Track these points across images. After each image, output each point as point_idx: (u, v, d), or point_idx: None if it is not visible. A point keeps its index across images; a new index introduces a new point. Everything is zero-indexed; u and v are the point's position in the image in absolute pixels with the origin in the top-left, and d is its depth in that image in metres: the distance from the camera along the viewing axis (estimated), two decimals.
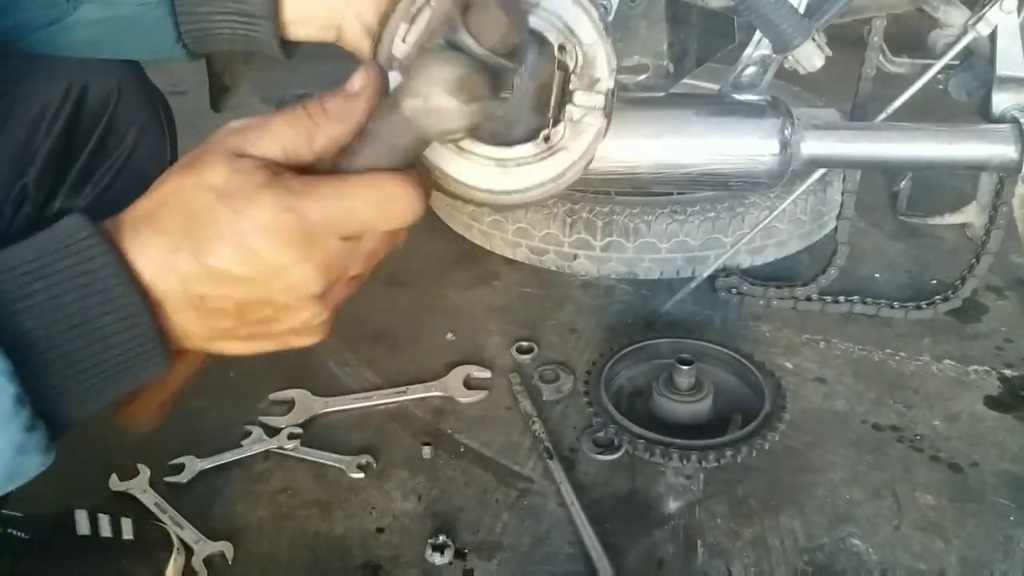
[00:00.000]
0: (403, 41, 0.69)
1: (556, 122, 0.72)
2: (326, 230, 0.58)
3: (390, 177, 0.59)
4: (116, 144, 0.97)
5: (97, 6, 0.77)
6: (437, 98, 0.58)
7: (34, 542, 1.10)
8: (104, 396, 0.57)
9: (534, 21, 0.71)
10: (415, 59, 0.61)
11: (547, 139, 0.72)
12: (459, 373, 1.64)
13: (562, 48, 0.72)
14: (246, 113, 0.64)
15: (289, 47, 0.81)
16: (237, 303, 0.59)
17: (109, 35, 0.80)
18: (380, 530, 1.33)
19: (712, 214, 1.87)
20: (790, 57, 1.27)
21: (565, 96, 0.72)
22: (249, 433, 1.49)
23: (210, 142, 0.59)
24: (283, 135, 0.59)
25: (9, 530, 1.08)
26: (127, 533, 1.19)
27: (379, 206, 0.59)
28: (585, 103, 0.72)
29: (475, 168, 0.72)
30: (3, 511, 1.09)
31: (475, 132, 0.65)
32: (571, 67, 0.72)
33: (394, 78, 0.66)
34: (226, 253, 0.56)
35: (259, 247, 0.56)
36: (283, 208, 0.56)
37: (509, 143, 0.72)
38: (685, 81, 1.60)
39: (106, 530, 1.17)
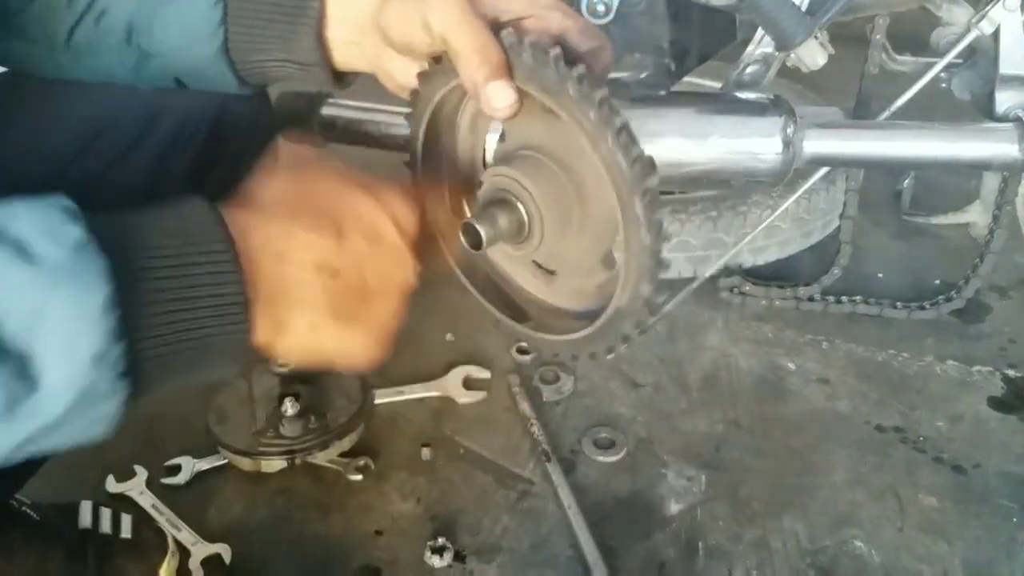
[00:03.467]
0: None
1: None
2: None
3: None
4: (244, 165, 1.00)
5: (163, 60, 0.82)
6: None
7: (42, 526, 1.10)
8: (181, 356, 0.58)
9: None
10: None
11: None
12: (458, 374, 1.63)
13: None
14: None
15: (347, 79, 0.84)
16: (360, 272, 0.67)
17: (188, 80, 0.84)
18: (379, 532, 1.32)
19: (714, 213, 1.86)
20: (792, 55, 1.26)
21: None
22: None
23: (315, 157, 0.71)
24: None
25: (24, 508, 1.09)
26: (125, 531, 1.18)
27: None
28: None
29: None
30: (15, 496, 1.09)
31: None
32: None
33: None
34: (365, 229, 0.67)
35: (389, 228, 0.68)
36: (406, 196, 0.70)
37: None
38: (687, 79, 1.59)
39: (106, 526, 1.17)
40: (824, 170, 1.63)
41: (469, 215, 0.77)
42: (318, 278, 0.64)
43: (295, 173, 0.68)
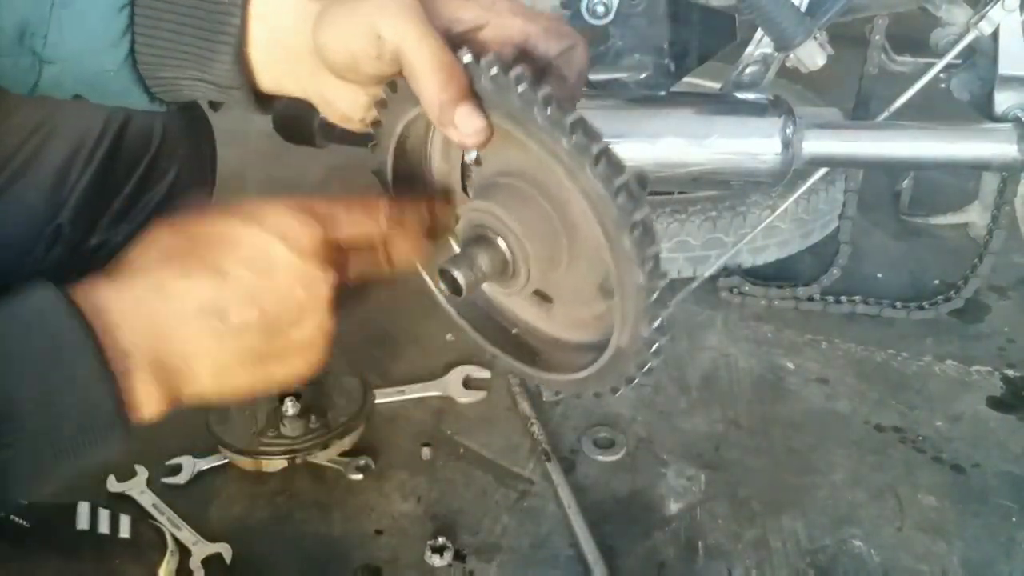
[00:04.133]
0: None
1: None
2: (330, 240, 0.63)
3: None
4: (158, 179, 0.95)
5: (61, 67, 0.73)
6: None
7: (34, 531, 1.10)
8: (56, 469, 0.57)
9: None
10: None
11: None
12: (458, 373, 1.64)
13: None
14: None
15: (271, 102, 0.76)
16: (256, 304, 0.60)
17: (89, 93, 0.76)
18: (379, 532, 1.33)
19: (713, 213, 1.86)
20: (792, 55, 1.27)
21: None
22: None
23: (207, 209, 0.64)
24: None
25: (11, 516, 1.08)
26: (124, 532, 1.18)
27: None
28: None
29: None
30: None
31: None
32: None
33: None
34: (246, 257, 0.60)
35: (278, 249, 0.60)
36: (297, 209, 0.62)
37: None
38: (686, 80, 1.59)
39: (104, 526, 1.17)
40: (823, 170, 1.63)
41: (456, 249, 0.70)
42: (204, 324, 0.59)
43: (170, 230, 0.62)
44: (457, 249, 0.71)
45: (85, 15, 0.69)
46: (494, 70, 0.57)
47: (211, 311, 0.59)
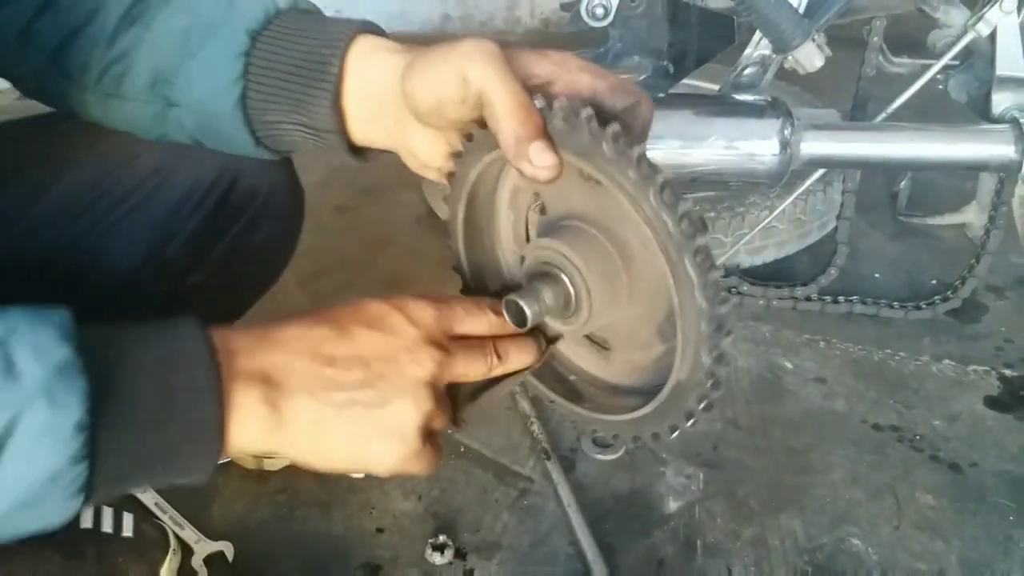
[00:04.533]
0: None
1: None
2: (451, 325, 0.71)
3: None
4: (256, 231, 1.01)
5: (185, 111, 0.80)
6: None
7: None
8: (144, 473, 0.59)
9: None
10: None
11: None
12: None
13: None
14: None
15: (364, 153, 0.81)
16: (366, 368, 0.66)
17: (204, 136, 0.82)
18: (380, 530, 1.33)
19: (712, 214, 1.87)
20: (790, 57, 1.27)
21: None
22: None
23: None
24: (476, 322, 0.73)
25: None
26: (127, 530, 1.19)
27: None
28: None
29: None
30: None
31: None
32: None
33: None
34: (366, 320, 0.68)
35: (397, 318, 0.68)
36: (420, 297, 0.71)
37: None
38: (685, 81, 1.60)
39: (107, 525, 1.18)
40: (821, 171, 1.64)
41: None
42: (313, 363, 0.64)
43: (314, 311, 0.68)
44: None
45: (209, 62, 0.77)
46: (565, 111, 0.61)
47: (322, 356, 0.64)
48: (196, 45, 0.77)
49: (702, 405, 0.65)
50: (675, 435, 0.68)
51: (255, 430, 0.62)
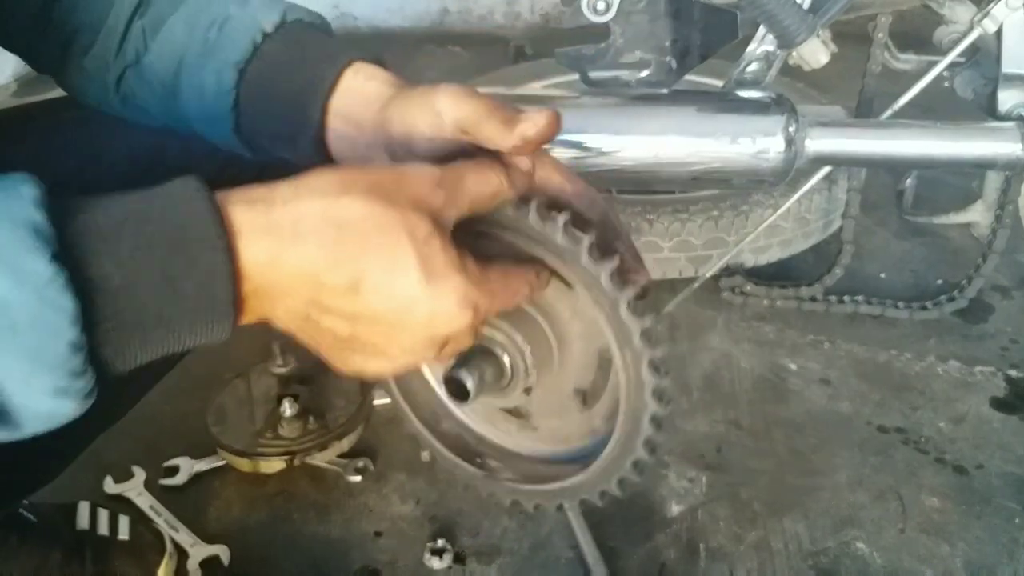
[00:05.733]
0: None
1: None
2: (477, 324, 0.62)
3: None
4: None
5: (191, 124, 0.82)
6: None
7: (39, 527, 1.10)
8: (157, 350, 0.55)
9: None
10: None
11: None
12: None
13: None
14: None
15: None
16: (353, 331, 0.59)
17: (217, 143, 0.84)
18: (378, 534, 1.32)
19: (715, 213, 1.85)
20: (794, 53, 1.26)
21: None
22: None
23: (416, 194, 0.59)
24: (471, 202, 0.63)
25: (20, 510, 1.08)
26: (123, 533, 1.18)
27: (509, 297, 0.65)
28: None
29: None
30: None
31: None
32: None
33: None
34: (390, 303, 0.57)
35: (425, 325, 0.58)
36: (468, 301, 0.59)
37: None
38: (688, 77, 1.58)
39: (104, 528, 1.17)
40: (826, 169, 1.62)
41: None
42: (306, 308, 0.58)
43: (367, 199, 0.57)
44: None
45: (203, 92, 0.78)
46: (540, 210, 0.62)
47: (319, 304, 0.57)
48: (191, 70, 0.79)
49: (636, 470, 0.70)
50: (625, 491, 0.74)
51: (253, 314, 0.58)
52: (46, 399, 0.50)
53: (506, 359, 0.69)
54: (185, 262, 0.52)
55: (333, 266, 0.56)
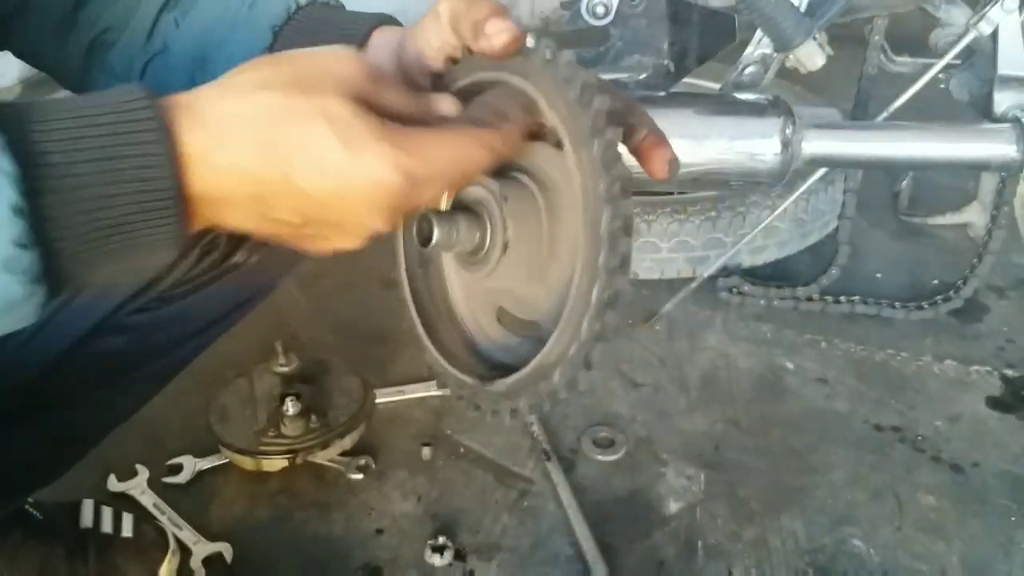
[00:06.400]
0: None
1: None
2: (419, 190, 0.60)
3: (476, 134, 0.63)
4: None
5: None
6: None
7: (44, 525, 1.11)
8: (106, 253, 0.55)
9: None
10: None
11: None
12: None
13: None
14: None
15: None
16: (304, 218, 0.60)
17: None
18: (379, 531, 1.33)
19: (713, 214, 1.87)
20: (791, 56, 1.27)
21: None
22: None
23: (332, 72, 0.59)
24: (401, 100, 0.63)
25: (26, 507, 1.09)
26: (127, 531, 1.19)
27: (460, 161, 0.62)
28: None
29: None
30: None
31: None
32: None
33: None
34: (323, 185, 0.57)
35: (365, 197, 0.58)
36: (396, 166, 0.58)
37: None
38: (686, 80, 1.59)
39: (107, 525, 1.18)
40: (823, 171, 1.64)
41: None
42: (245, 196, 0.58)
43: (290, 81, 0.58)
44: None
45: (235, 56, 0.79)
46: (552, 48, 0.60)
47: (260, 195, 0.58)
48: (223, 37, 0.81)
49: (566, 382, 0.61)
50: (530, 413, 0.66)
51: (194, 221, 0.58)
52: None
53: (488, 227, 0.66)
54: (123, 142, 0.53)
55: (263, 162, 0.57)
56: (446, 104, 0.66)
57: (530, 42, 0.62)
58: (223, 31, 0.81)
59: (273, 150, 0.57)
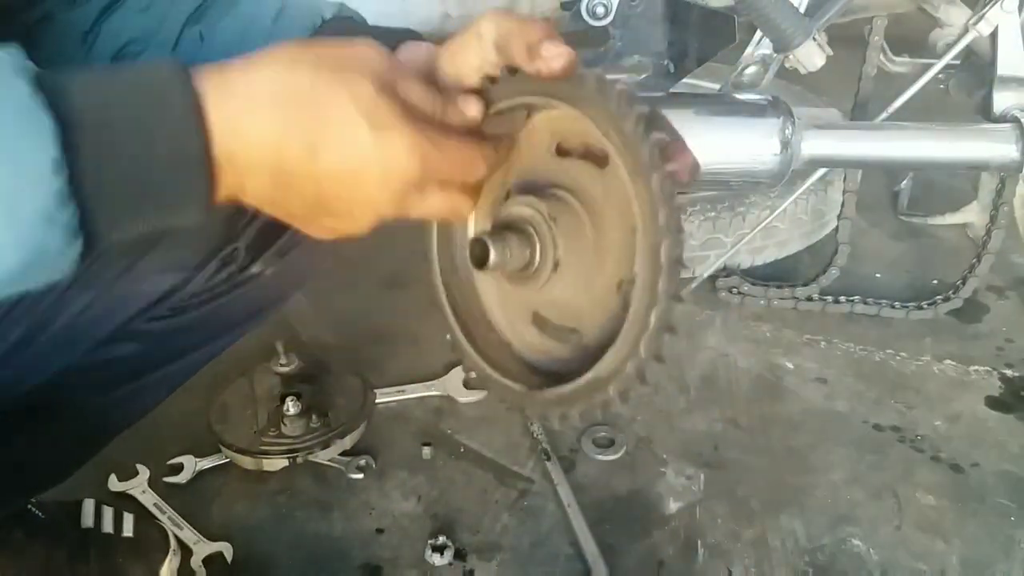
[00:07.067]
0: None
1: None
2: (429, 178, 0.64)
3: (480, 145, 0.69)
4: None
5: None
6: None
7: (46, 524, 1.11)
8: (137, 210, 0.57)
9: None
10: None
11: None
12: (458, 373, 1.64)
13: None
14: None
15: None
16: (318, 193, 0.62)
17: None
18: (380, 531, 1.33)
19: (712, 213, 1.87)
20: (791, 56, 1.27)
21: None
22: None
23: (360, 57, 0.63)
24: (424, 97, 0.65)
25: (29, 507, 1.10)
26: (127, 530, 1.19)
27: (466, 166, 0.67)
28: None
29: None
30: None
31: None
32: None
33: None
34: (343, 159, 0.60)
35: (380, 176, 0.61)
36: (414, 149, 0.61)
37: None
38: (685, 81, 1.59)
39: (108, 525, 1.18)
40: (822, 171, 1.64)
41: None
42: (268, 170, 0.60)
43: (315, 64, 0.61)
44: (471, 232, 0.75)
45: None
46: (599, 79, 0.63)
47: (283, 170, 0.60)
48: (249, 51, 0.82)
49: (620, 394, 0.65)
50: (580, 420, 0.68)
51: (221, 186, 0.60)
52: (34, 225, 0.52)
53: (537, 244, 0.68)
54: (155, 107, 0.56)
55: (288, 133, 0.59)
56: (472, 106, 0.69)
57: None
58: (249, 45, 0.81)
59: (297, 122, 0.59)
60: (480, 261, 0.67)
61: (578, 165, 0.69)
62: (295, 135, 0.59)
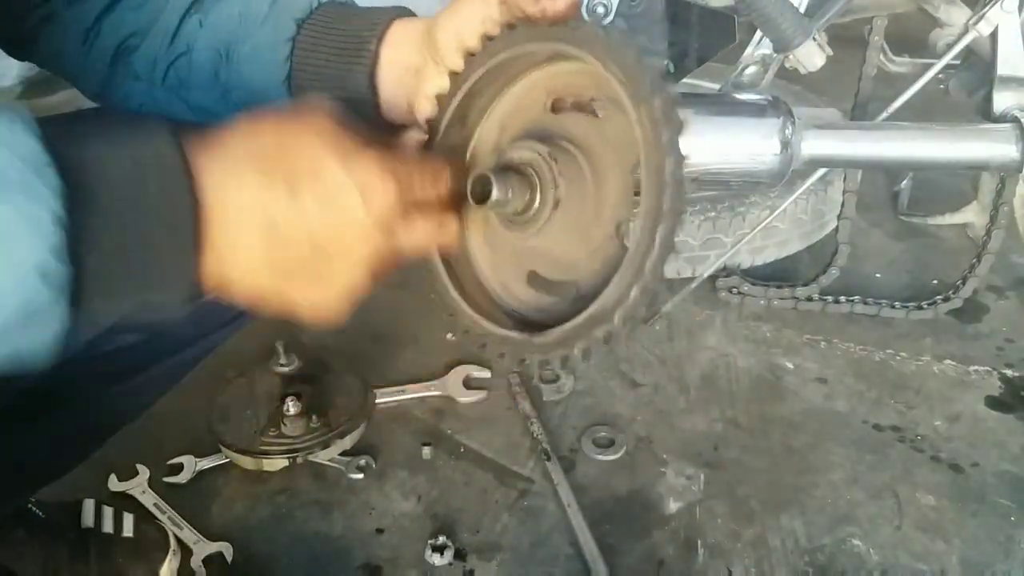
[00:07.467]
0: None
1: None
2: (409, 197, 0.68)
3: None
4: None
5: (237, 93, 0.88)
6: None
7: (47, 523, 1.11)
8: (126, 274, 0.58)
9: None
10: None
11: None
12: (459, 373, 1.64)
13: None
14: None
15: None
16: (312, 240, 0.64)
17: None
18: (380, 531, 1.33)
19: (712, 214, 1.87)
20: (791, 56, 1.27)
21: None
22: None
23: (315, 109, 0.67)
24: (371, 133, 0.69)
25: (30, 505, 1.10)
26: (127, 530, 1.19)
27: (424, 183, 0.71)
28: None
29: None
30: None
31: None
32: None
33: None
34: (326, 195, 0.64)
35: (360, 199, 0.64)
36: (388, 168, 0.66)
37: None
38: (685, 81, 1.59)
39: (108, 525, 1.18)
40: (822, 171, 1.64)
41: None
42: (258, 227, 0.63)
43: (277, 124, 0.66)
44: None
45: (260, 46, 0.85)
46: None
47: (271, 222, 0.63)
48: (247, 32, 0.85)
49: (625, 321, 0.64)
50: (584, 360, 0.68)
51: (206, 264, 0.63)
52: (28, 276, 0.52)
53: (538, 189, 0.70)
54: (149, 175, 0.58)
55: (268, 181, 0.63)
56: (417, 136, 0.77)
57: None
58: (247, 27, 0.85)
59: (274, 168, 0.63)
60: (482, 197, 0.69)
61: (574, 117, 0.72)
62: (274, 180, 0.63)
